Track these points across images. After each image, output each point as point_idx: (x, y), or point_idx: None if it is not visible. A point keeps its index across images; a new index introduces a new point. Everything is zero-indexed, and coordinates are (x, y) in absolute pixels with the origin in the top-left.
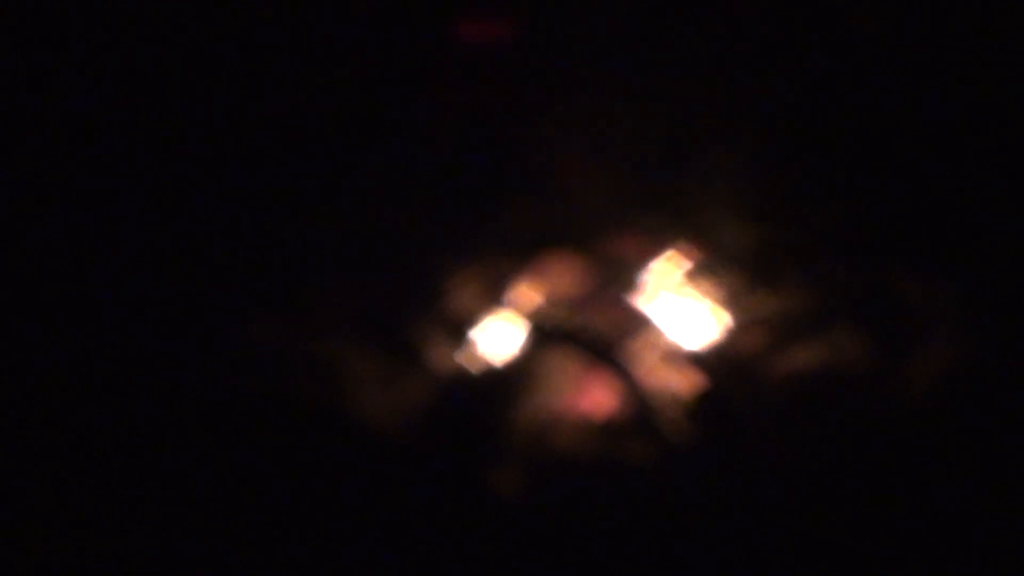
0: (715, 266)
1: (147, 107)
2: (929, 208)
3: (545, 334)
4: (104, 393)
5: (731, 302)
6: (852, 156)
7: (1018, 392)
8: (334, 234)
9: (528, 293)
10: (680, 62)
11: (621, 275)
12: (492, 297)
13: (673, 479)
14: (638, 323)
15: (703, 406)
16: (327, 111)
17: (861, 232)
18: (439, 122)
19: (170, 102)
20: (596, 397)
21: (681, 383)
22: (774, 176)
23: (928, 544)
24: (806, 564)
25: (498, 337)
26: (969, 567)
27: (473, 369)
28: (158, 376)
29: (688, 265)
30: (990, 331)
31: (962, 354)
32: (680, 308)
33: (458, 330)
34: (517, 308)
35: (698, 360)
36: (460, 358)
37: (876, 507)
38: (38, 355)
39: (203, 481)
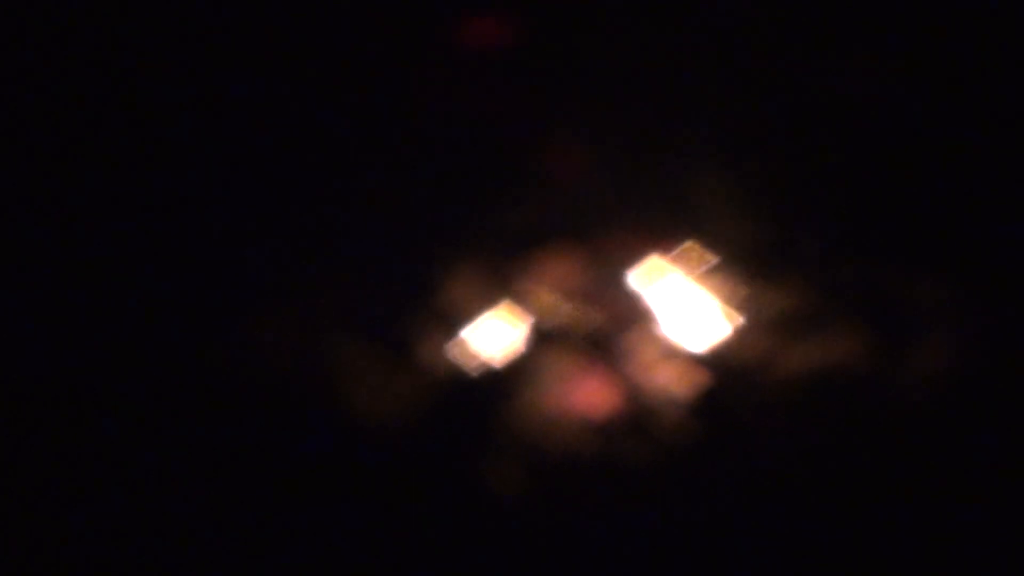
0: (716, 266)
1: (148, 106)
2: (929, 208)
3: (544, 332)
4: (102, 389)
5: (731, 301)
6: (852, 158)
7: (1018, 392)
8: (332, 232)
9: (527, 291)
10: (683, 64)
11: (621, 274)
12: (491, 294)
13: (673, 479)
14: (637, 322)
15: (703, 406)
16: (327, 110)
17: (861, 233)
18: (438, 120)
19: (170, 101)
20: (595, 396)
21: (681, 383)
22: (776, 177)
23: (928, 543)
24: (806, 563)
25: (497, 334)
26: (969, 566)
27: (471, 366)
28: (156, 372)
29: (689, 264)
30: (990, 331)
31: (962, 354)
32: (680, 307)
33: (456, 327)
34: (516, 305)
35: (698, 360)
36: (458, 355)
37: (876, 506)
38: (37, 351)
39: (200, 477)
